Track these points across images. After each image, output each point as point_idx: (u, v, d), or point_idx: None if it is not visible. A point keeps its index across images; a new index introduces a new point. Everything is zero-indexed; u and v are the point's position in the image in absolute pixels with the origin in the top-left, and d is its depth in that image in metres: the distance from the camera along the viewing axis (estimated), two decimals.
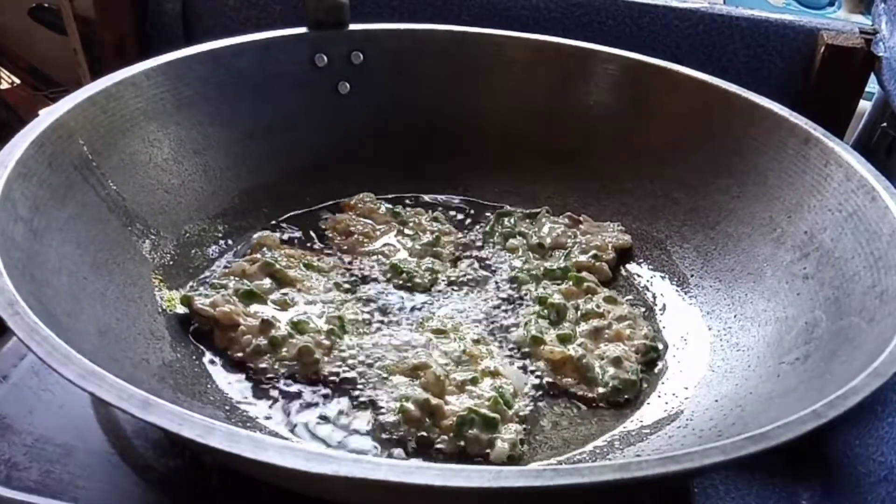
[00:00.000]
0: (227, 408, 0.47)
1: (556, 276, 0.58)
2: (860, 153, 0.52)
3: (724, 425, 0.45)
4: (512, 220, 0.64)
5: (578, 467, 0.31)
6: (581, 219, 0.64)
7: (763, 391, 0.46)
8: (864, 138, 0.74)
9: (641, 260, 0.62)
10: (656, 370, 0.53)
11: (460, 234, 0.64)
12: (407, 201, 0.66)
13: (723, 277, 0.57)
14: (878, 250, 0.47)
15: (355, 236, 0.61)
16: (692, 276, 0.59)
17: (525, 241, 0.62)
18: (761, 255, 0.55)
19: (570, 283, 0.58)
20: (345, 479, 0.30)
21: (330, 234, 0.62)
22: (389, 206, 0.64)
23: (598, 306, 0.56)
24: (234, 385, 0.49)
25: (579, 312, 0.55)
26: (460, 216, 0.66)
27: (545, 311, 0.55)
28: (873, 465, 0.47)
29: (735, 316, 0.54)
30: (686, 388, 0.51)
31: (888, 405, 0.48)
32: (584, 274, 0.59)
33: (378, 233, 0.62)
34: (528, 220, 0.65)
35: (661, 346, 0.54)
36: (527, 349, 0.53)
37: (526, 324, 0.54)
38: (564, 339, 0.53)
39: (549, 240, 0.62)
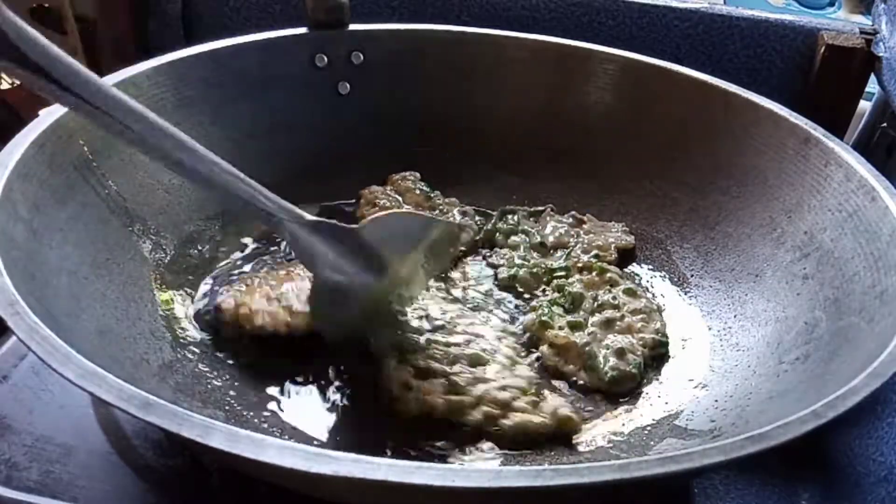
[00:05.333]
0: (226, 408, 0.47)
1: (558, 276, 0.58)
2: (860, 153, 0.52)
3: (724, 425, 0.45)
4: (515, 218, 0.64)
5: (578, 467, 0.31)
6: (585, 218, 0.64)
7: (763, 391, 0.46)
8: (864, 138, 0.74)
9: (641, 260, 0.62)
10: (661, 369, 0.53)
11: (480, 234, 0.64)
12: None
13: (723, 277, 0.57)
14: (878, 250, 0.47)
15: (377, 208, 0.62)
16: (692, 276, 0.59)
17: (528, 240, 0.62)
18: (761, 255, 0.55)
19: (594, 273, 0.58)
20: (345, 479, 0.30)
21: (360, 202, 0.63)
22: (427, 189, 0.64)
23: (614, 298, 0.56)
24: (234, 385, 0.49)
25: (596, 303, 0.56)
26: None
27: (562, 298, 0.55)
28: (873, 465, 0.47)
29: (735, 316, 0.54)
30: (686, 388, 0.51)
31: (888, 405, 0.48)
32: (607, 265, 0.59)
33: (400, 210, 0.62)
34: (531, 219, 0.65)
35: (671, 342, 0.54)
36: (534, 333, 0.53)
37: (538, 308, 0.55)
38: (575, 327, 0.53)
39: (551, 238, 0.62)
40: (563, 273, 0.59)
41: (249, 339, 0.51)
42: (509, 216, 0.64)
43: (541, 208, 0.65)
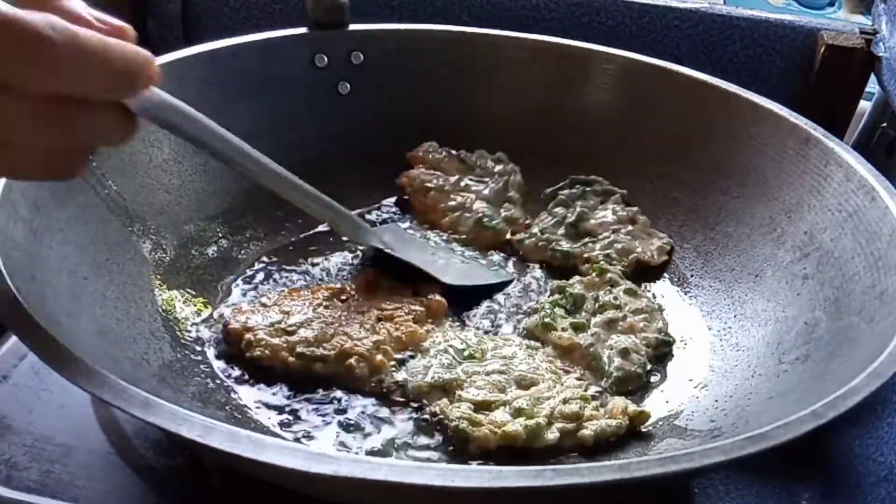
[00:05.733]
0: (227, 408, 0.47)
1: (556, 255, 0.60)
2: (860, 153, 0.52)
3: (724, 425, 0.45)
4: (577, 190, 0.64)
5: (578, 467, 0.31)
6: (638, 218, 0.62)
7: (763, 391, 0.46)
8: (864, 138, 0.74)
9: None
10: (667, 367, 0.53)
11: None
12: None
13: (723, 277, 0.57)
14: (878, 250, 0.47)
15: (432, 193, 0.63)
16: (692, 276, 0.59)
17: (569, 215, 0.62)
18: (761, 255, 0.55)
19: (594, 273, 0.58)
20: (345, 479, 0.30)
21: (409, 194, 0.64)
22: (454, 152, 0.65)
23: (615, 298, 0.56)
24: (234, 386, 0.49)
25: (597, 304, 0.55)
26: None
27: (563, 300, 0.56)
28: (873, 465, 0.47)
29: (735, 316, 0.54)
30: (686, 388, 0.51)
31: (888, 405, 0.48)
32: (607, 265, 0.59)
33: (450, 185, 0.64)
34: (598, 197, 0.64)
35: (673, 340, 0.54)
36: (538, 335, 0.53)
37: (540, 310, 0.55)
38: (578, 328, 0.53)
39: (591, 223, 0.62)
40: (561, 255, 0.60)
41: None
42: (578, 185, 0.64)
43: (617, 190, 0.64)
